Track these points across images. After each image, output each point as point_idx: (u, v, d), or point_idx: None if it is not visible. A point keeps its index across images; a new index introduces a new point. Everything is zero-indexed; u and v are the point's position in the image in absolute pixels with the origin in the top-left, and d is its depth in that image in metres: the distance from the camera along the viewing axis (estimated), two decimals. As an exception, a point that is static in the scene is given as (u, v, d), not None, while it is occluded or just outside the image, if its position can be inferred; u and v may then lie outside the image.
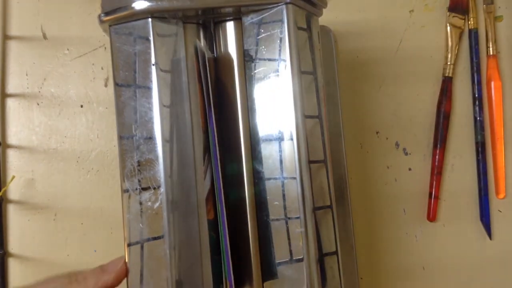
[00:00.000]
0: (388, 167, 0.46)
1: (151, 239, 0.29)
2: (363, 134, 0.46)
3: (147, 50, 0.29)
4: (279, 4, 0.29)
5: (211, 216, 0.30)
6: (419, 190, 0.45)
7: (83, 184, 0.44)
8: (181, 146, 0.30)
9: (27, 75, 0.45)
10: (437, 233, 0.45)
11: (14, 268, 0.44)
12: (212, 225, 0.30)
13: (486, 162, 0.45)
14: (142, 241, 0.29)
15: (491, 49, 0.46)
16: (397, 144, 0.46)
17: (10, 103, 0.45)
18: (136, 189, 0.29)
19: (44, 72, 0.45)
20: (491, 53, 0.46)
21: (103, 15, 0.30)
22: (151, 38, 0.29)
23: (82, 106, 0.45)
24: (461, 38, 0.46)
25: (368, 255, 0.45)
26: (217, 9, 0.30)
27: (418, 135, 0.46)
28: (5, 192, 0.44)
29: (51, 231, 0.44)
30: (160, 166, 0.28)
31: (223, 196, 0.29)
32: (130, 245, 0.29)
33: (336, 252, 0.31)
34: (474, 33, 0.46)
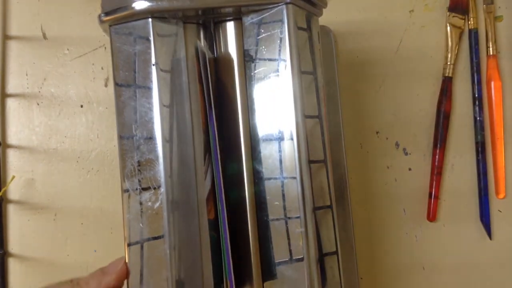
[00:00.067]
0: (388, 167, 0.46)
1: (151, 239, 0.29)
2: (363, 134, 0.46)
3: (147, 50, 0.29)
4: (279, 4, 0.29)
5: (212, 216, 0.30)
6: (419, 190, 0.45)
7: (83, 184, 0.44)
8: (181, 146, 0.30)
9: (27, 75, 0.45)
10: (437, 233, 0.45)
11: (14, 268, 0.44)
12: (213, 224, 0.30)
13: (486, 162, 0.45)
14: (142, 241, 0.29)
15: (491, 49, 0.46)
16: (397, 144, 0.46)
17: (10, 103, 0.45)
18: (136, 189, 0.29)
19: (44, 72, 0.45)
20: (491, 53, 0.46)
21: (103, 15, 0.30)
22: (151, 38, 0.29)
23: (82, 106, 0.45)
24: (461, 38, 0.46)
25: (368, 255, 0.45)
26: (217, 9, 0.30)
27: (418, 135, 0.46)
28: (5, 192, 0.44)
29: (51, 231, 0.44)
30: (160, 166, 0.29)
31: (224, 196, 0.29)
32: (130, 245, 0.29)
33: (336, 252, 0.31)
34: (474, 33, 0.46)
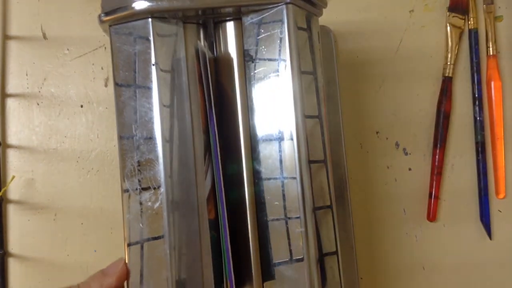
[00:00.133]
0: (388, 167, 0.46)
1: (151, 239, 0.29)
2: (363, 134, 0.46)
3: (147, 50, 0.29)
4: (279, 4, 0.29)
5: (212, 216, 0.30)
6: (419, 190, 0.45)
7: (83, 184, 0.44)
8: (181, 146, 0.30)
9: (27, 75, 0.45)
10: (437, 233, 0.45)
11: (14, 268, 0.44)
12: (213, 224, 0.30)
13: (486, 162, 0.45)
14: (142, 241, 0.29)
15: (491, 49, 0.46)
16: (397, 144, 0.46)
17: (10, 103, 0.45)
18: (136, 189, 0.29)
19: (44, 72, 0.45)
20: (491, 53, 0.46)
21: (103, 15, 0.30)
22: (151, 38, 0.29)
23: (82, 106, 0.45)
24: (461, 38, 0.46)
25: (368, 255, 0.45)
26: (217, 9, 0.30)
27: (418, 135, 0.46)
28: (5, 192, 0.44)
29: (51, 231, 0.44)
30: (160, 166, 0.29)
31: (224, 196, 0.29)
32: (130, 245, 0.29)
33: (336, 252, 0.31)
34: (474, 33, 0.46)
